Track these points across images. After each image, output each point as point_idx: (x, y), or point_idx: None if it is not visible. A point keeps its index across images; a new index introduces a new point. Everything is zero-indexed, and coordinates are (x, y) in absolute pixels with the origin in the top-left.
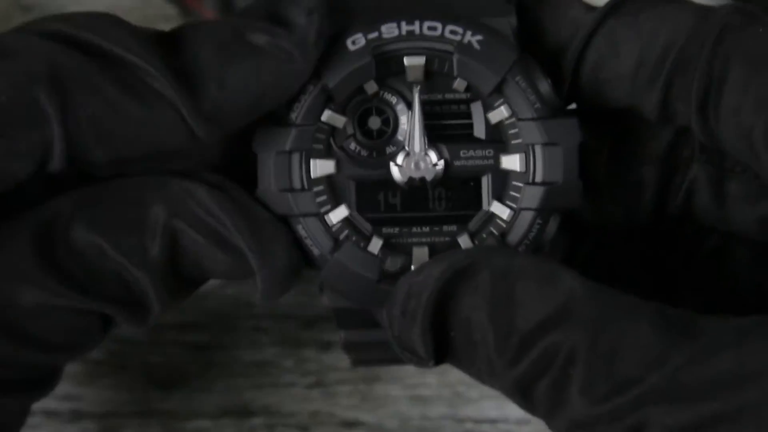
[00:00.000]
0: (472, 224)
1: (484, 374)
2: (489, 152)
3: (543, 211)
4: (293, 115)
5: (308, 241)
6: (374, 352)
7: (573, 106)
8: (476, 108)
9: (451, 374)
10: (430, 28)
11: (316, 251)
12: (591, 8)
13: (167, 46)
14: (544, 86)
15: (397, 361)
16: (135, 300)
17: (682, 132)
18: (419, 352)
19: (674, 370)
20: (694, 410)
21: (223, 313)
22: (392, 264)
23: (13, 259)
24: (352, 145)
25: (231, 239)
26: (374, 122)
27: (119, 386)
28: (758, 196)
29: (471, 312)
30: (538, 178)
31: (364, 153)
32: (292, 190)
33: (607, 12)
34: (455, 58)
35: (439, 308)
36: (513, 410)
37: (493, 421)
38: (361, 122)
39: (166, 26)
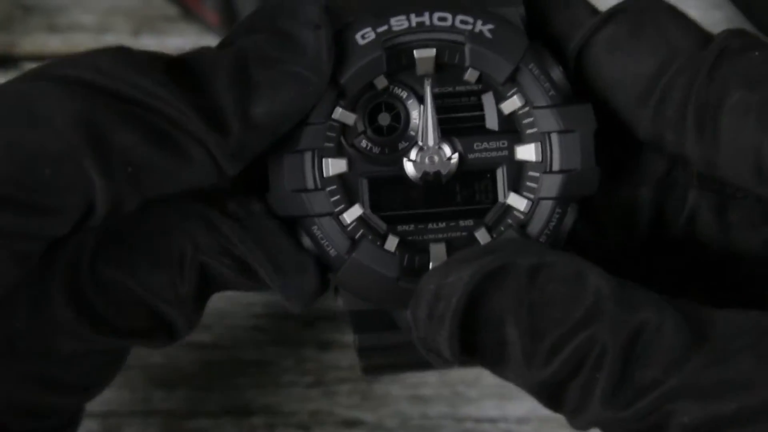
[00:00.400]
0: (489, 217)
1: (511, 374)
2: (503, 143)
3: (562, 200)
4: None
5: (324, 242)
6: (389, 357)
7: None
8: (488, 99)
9: (452, 373)
10: (440, 19)
11: (332, 252)
12: (596, 12)
13: (186, 83)
14: (557, 73)
15: (409, 367)
16: (164, 329)
17: (678, 160)
18: (445, 354)
19: (693, 371)
20: (710, 410)
21: (223, 313)
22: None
23: (49, 311)
24: (364, 143)
25: (256, 269)
26: (384, 119)
27: (120, 386)
28: (762, 221)
29: (501, 313)
30: (556, 167)
31: (375, 150)
32: (305, 190)
33: (608, 17)
34: (467, 47)
35: (467, 311)
36: (513, 409)
37: (493, 420)
38: (372, 119)
39: (167, 26)
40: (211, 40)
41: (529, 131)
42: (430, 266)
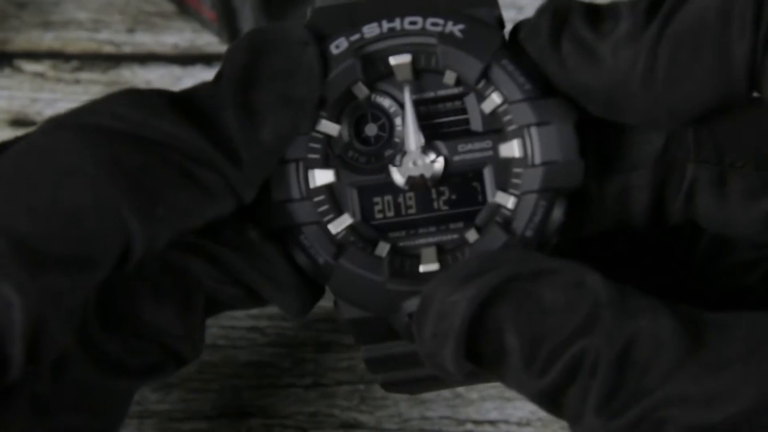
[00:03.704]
0: (479, 218)
1: (513, 382)
2: (487, 143)
3: (545, 192)
4: None
5: (312, 251)
6: (399, 368)
7: None
8: (470, 101)
9: None
10: (411, 23)
11: (320, 260)
12: None
13: (196, 118)
14: (534, 69)
15: (429, 385)
16: (173, 360)
17: (674, 135)
18: (450, 369)
19: (685, 381)
20: (697, 420)
21: (220, 314)
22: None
23: (70, 368)
24: (350, 153)
25: (258, 290)
26: (371, 129)
27: None
28: (762, 190)
29: (500, 323)
30: (537, 160)
31: (362, 159)
32: (290, 200)
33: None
34: (438, 48)
35: (470, 325)
36: (514, 411)
37: (493, 422)
38: (357, 129)
39: (163, 23)
40: (208, 38)
41: (510, 128)
42: (420, 269)
